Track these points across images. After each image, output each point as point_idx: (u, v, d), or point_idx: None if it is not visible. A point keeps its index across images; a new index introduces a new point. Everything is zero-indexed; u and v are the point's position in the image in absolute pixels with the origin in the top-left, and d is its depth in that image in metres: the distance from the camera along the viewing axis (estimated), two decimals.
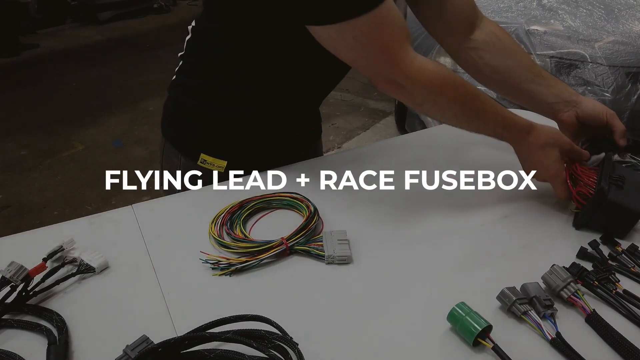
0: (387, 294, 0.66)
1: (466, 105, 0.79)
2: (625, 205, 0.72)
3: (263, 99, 0.93)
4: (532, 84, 0.92)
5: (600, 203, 0.72)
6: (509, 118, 0.81)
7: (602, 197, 0.71)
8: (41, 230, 0.80)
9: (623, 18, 2.25)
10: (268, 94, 0.92)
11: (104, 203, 2.63)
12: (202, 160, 0.95)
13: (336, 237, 0.73)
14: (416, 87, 0.76)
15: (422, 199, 0.86)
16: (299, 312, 0.63)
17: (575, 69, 2.10)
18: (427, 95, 0.77)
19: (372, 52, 0.74)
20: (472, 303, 0.59)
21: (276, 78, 0.90)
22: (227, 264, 0.69)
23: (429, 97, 0.77)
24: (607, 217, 0.73)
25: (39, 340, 0.58)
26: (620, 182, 0.74)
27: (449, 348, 0.57)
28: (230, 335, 0.54)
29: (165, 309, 0.63)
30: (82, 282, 0.68)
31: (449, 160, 0.98)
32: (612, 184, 0.73)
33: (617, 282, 0.65)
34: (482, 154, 0.99)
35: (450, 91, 0.77)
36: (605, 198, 0.71)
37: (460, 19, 0.95)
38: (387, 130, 3.38)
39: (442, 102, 0.78)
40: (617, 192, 0.72)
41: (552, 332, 0.58)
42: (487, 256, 0.72)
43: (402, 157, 1.00)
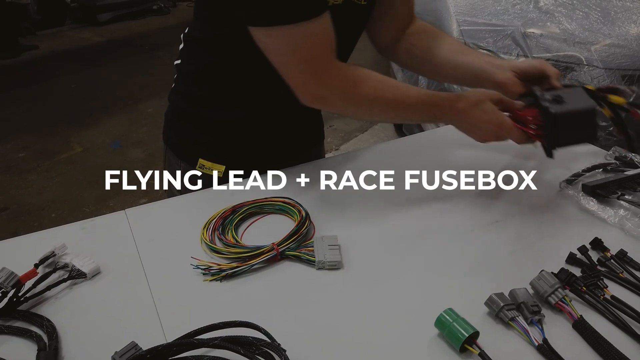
0: (376, 300, 0.66)
1: (388, 97, 0.81)
2: (576, 110, 0.73)
3: (259, 105, 0.94)
4: (464, 56, 0.96)
5: (554, 121, 0.72)
6: (434, 95, 0.83)
7: (550, 116, 0.72)
8: (33, 236, 0.80)
9: (619, 21, 2.25)
10: (263, 100, 0.93)
11: (102, 205, 2.64)
12: (201, 165, 0.96)
13: (327, 242, 0.73)
14: (335, 94, 0.79)
15: (415, 205, 0.87)
16: (289, 317, 0.63)
17: (571, 72, 2.11)
18: (347, 99, 0.80)
19: (297, 61, 0.77)
20: (460, 309, 0.59)
21: (270, 84, 0.90)
22: (218, 269, 0.70)
23: (349, 101, 0.81)
24: (569, 131, 0.74)
25: (29, 346, 0.59)
26: (558, 99, 0.75)
27: (436, 354, 0.58)
28: (218, 341, 0.54)
29: (156, 315, 0.64)
30: (74, 288, 0.69)
31: (445, 164, 0.98)
32: (552, 103, 0.74)
33: (605, 288, 0.65)
34: (480, 157, 0.99)
35: (366, 88, 0.80)
36: (552, 114, 0.71)
37: (399, 24, 1.00)
38: (385, 132, 3.39)
39: (363, 101, 0.81)
40: (561, 106, 0.73)
41: (539, 338, 0.58)
42: (477, 262, 0.73)
43: (399, 161, 1.00)
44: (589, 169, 0.92)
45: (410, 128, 2.80)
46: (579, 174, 0.91)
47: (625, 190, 0.85)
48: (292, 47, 0.75)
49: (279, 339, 0.55)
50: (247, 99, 0.93)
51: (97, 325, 0.63)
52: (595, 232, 0.75)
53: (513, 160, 0.99)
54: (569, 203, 0.85)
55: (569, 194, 0.86)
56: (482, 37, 2.30)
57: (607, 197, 0.83)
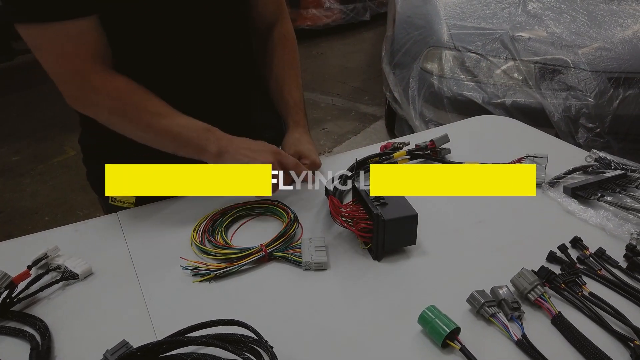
0: (360, 299, 0.68)
1: (152, 114, 0.81)
2: (402, 216, 0.73)
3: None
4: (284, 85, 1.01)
5: (383, 227, 0.72)
6: (207, 125, 0.83)
7: (381, 222, 0.72)
8: (27, 238, 0.81)
9: (606, 24, 2.29)
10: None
11: (95, 208, 2.64)
12: (112, 199, 0.95)
13: (314, 243, 0.75)
14: (99, 101, 0.80)
15: None
16: (277, 316, 0.65)
17: (558, 75, 2.14)
18: (112, 110, 0.81)
19: (52, 62, 0.77)
20: (442, 306, 0.61)
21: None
22: (207, 270, 0.71)
23: (114, 112, 0.81)
24: (394, 234, 0.74)
25: (22, 346, 0.60)
26: (381, 200, 0.76)
27: (419, 350, 0.60)
28: (207, 339, 0.56)
29: (147, 314, 0.65)
30: (66, 289, 0.70)
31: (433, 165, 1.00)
32: (378, 206, 0.74)
33: (583, 285, 0.67)
34: (467, 159, 1.01)
35: (129, 102, 0.80)
36: (384, 220, 0.72)
37: (265, 16, 1.02)
38: (377, 134, 3.41)
39: (125, 116, 0.81)
40: (387, 210, 0.74)
41: (519, 333, 0.60)
42: (460, 260, 0.75)
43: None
44: (569, 171, 0.94)
45: (402, 130, 2.82)
46: (560, 176, 0.93)
47: (605, 192, 0.87)
48: (47, 46, 0.75)
49: (267, 337, 0.57)
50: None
51: (89, 324, 0.64)
52: (575, 232, 0.77)
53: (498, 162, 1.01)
54: (550, 204, 0.87)
55: (551, 196, 0.88)
56: (471, 41, 2.34)
57: (588, 198, 0.86)
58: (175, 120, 0.81)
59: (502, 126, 1.24)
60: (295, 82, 1.01)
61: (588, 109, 2.08)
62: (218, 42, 0.90)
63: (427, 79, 2.41)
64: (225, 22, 0.90)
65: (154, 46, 0.84)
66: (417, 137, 1.11)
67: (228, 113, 0.98)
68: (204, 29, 0.88)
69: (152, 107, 0.81)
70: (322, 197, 0.90)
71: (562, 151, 1.07)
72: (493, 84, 2.24)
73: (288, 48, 1.03)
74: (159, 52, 0.85)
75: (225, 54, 0.92)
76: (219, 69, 0.93)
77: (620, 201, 0.84)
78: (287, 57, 1.02)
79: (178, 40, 0.86)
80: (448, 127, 1.25)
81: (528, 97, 2.18)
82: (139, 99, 0.80)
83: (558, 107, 2.11)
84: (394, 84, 2.74)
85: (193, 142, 0.82)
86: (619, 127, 2.08)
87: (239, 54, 0.96)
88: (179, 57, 0.87)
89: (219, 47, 0.91)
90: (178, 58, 0.87)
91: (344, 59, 4.90)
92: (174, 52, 0.86)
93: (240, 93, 1.00)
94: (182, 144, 0.82)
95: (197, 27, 0.86)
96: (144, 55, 0.85)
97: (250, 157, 0.82)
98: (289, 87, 1.00)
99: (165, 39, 0.84)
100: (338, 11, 5.51)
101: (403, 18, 2.79)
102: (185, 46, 0.87)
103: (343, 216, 0.76)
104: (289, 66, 1.02)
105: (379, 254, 0.75)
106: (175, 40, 0.85)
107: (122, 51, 0.83)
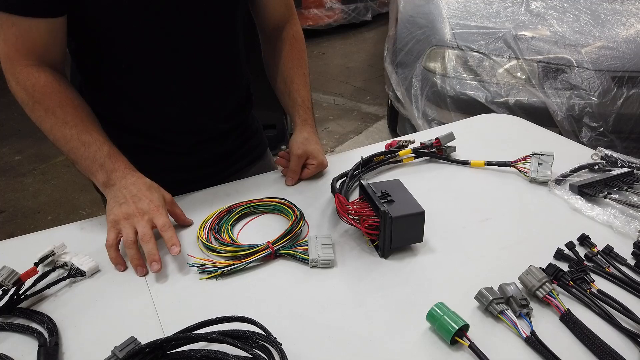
0: (367, 296, 0.68)
1: (49, 122, 0.81)
2: (409, 213, 0.73)
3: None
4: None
5: (390, 224, 0.71)
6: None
7: (388, 219, 0.71)
8: (33, 236, 0.81)
9: (609, 23, 2.29)
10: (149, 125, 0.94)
11: (98, 208, 2.64)
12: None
13: (321, 241, 0.75)
14: (20, 98, 0.81)
15: None
16: (283, 313, 0.65)
17: (562, 74, 2.14)
18: (26, 107, 0.82)
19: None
20: (450, 303, 0.61)
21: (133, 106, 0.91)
22: (214, 267, 0.71)
23: (24, 105, 0.82)
24: (401, 231, 0.73)
25: (30, 343, 0.60)
26: (387, 197, 0.75)
27: (427, 347, 0.59)
28: (215, 335, 0.55)
29: (154, 311, 0.65)
30: (73, 286, 0.70)
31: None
32: (385, 203, 0.74)
33: (591, 282, 0.67)
34: (471, 157, 1.01)
35: (43, 104, 0.80)
36: (391, 217, 0.71)
37: (275, 17, 1.03)
38: (379, 134, 3.41)
39: (42, 115, 0.81)
40: (394, 207, 0.73)
41: (527, 330, 0.60)
42: (467, 258, 0.74)
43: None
44: (576, 169, 0.94)
45: (404, 129, 2.82)
46: (566, 174, 0.93)
47: (612, 189, 0.87)
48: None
49: (274, 334, 0.57)
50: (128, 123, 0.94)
51: (97, 321, 0.64)
52: (582, 229, 0.77)
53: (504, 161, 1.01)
54: (557, 202, 0.87)
55: (557, 194, 0.88)
56: (474, 40, 2.33)
57: (595, 196, 0.85)
58: (81, 135, 0.81)
59: (507, 124, 1.24)
60: (303, 81, 1.01)
61: (591, 108, 2.08)
62: (208, 42, 0.91)
63: (430, 78, 2.40)
64: (215, 22, 0.90)
65: (147, 50, 0.86)
66: (422, 136, 1.10)
67: (227, 113, 1.00)
68: (195, 30, 0.88)
69: (61, 114, 0.80)
70: (328, 195, 0.90)
71: (567, 149, 1.06)
72: (496, 83, 2.23)
73: (297, 48, 1.03)
74: (153, 56, 0.86)
75: (215, 54, 0.92)
76: (208, 70, 0.93)
77: (627, 199, 0.84)
78: (296, 57, 1.02)
79: (170, 42, 0.86)
80: (453, 126, 1.25)
81: (531, 96, 2.17)
82: (52, 102, 0.80)
83: (561, 106, 2.10)
84: (397, 83, 2.74)
85: (85, 163, 0.81)
86: (623, 126, 2.08)
87: (230, 54, 0.96)
88: (174, 59, 0.88)
89: (209, 48, 0.91)
90: (173, 60, 0.88)
91: (345, 59, 4.90)
92: (170, 54, 0.87)
93: (234, 94, 1.01)
94: (76, 159, 0.83)
95: (188, 28, 0.86)
96: (136, 58, 0.86)
97: (129, 199, 0.77)
98: (297, 86, 1.00)
99: (156, 41, 0.85)
100: (339, 11, 5.51)
101: (405, 17, 2.78)
102: (178, 48, 0.87)
103: (350, 213, 0.76)
104: (298, 65, 1.02)
105: (386, 252, 0.74)
106: (167, 43, 0.86)
107: (114, 56, 0.85)
